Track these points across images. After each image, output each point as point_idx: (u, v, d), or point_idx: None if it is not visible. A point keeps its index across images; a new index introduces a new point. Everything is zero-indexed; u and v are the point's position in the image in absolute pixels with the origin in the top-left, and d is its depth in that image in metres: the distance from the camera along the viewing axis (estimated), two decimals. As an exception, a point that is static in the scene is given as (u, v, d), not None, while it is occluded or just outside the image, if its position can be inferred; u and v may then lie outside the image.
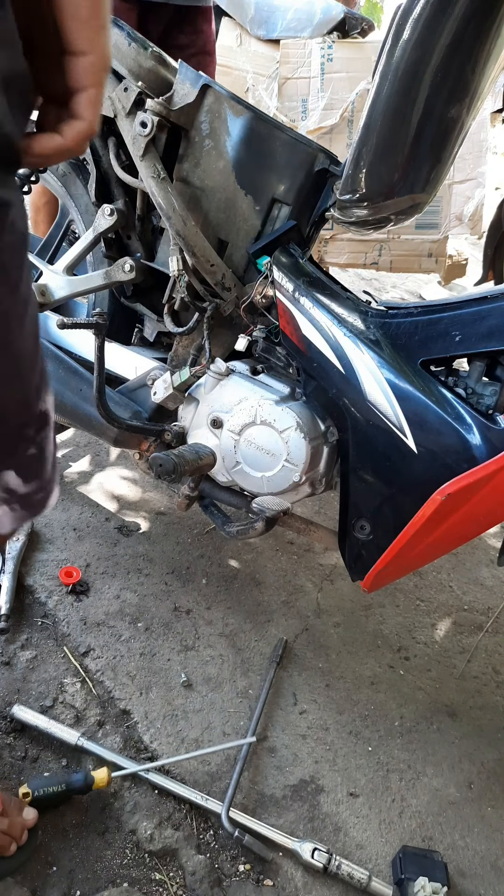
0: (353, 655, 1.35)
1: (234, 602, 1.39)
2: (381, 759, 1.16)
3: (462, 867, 1.03)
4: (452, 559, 1.70)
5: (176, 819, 0.98)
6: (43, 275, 1.28)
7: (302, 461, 1.03)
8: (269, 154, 1.04)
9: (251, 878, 0.95)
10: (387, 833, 1.05)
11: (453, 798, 1.13)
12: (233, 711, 1.17)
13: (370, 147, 0.89)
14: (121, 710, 1.12)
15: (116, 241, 1.23)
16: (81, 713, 1.09)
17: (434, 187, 0.94)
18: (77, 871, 0.89)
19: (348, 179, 0.94)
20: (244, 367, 1.14)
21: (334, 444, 1.08)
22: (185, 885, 0.92)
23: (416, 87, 0.82)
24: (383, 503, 1.01)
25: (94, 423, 1.19)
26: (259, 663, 1.27)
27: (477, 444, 0.89)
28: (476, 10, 0.76)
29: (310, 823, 1.04)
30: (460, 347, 0.90)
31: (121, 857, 0.93)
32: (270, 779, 1.08)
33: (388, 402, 0.94)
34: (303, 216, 1.10)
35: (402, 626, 1.46)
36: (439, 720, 1.26)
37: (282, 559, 1.56)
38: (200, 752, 1.06)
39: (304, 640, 1.36)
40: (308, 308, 1.01)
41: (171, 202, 1.02)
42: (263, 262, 1.06)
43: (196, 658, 1.25)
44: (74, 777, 0.93)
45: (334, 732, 1.19)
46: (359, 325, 0.99)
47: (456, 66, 0.81)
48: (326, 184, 1.09)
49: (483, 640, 1.47)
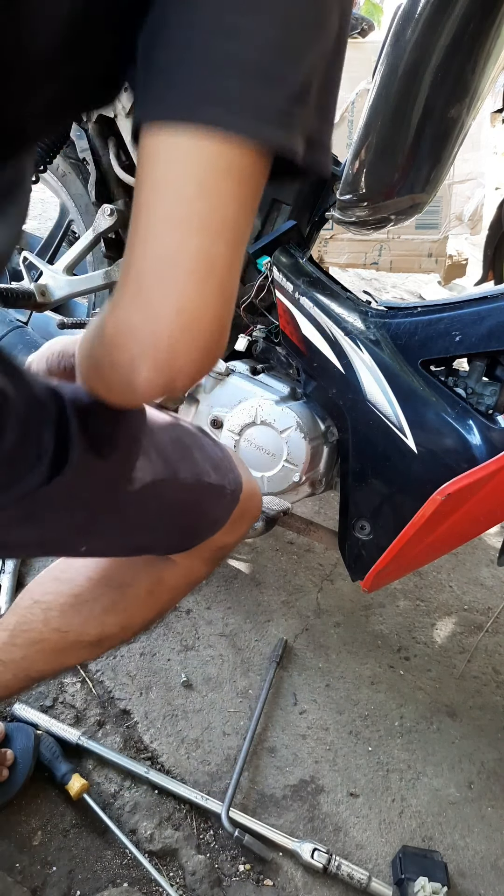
0: (353, 655, 1.35)
1: (234, 602, 1.39)
2: (381, 759, 1.16)
3: (462, 867, 1.03)
4: (452, 559, 1.70)
5: (176, 819, 0.98)
6: (43, 275, 1.28)
7: (302, 461, 1.03)
8: (269, 154, 1.04)
9: (251, 878, 0.95)
10: (387, 833, 1.05)
11: (453, 798, 1.13)
12: (233, 711, 1.17)
13: (370, 147, 0.89)
14: (121, 710, 1.12)
15: (116, 241, 1.23)
16: (81, 713, 1.09)
17: (434, 187, 0.94)
18: (77, 871, 0.89)
19: (348, 179, 0.94)
20: (244, 367, 1.14)
21: (334, 444, 1.08)
22: (185, 885, 0.91)
23: (416, 87, 0.82)
24: (383, 503, 1.01)
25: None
26: (259, 663, 1.27)
27: (477, 444, 0.89)
28: (476, 10, 0.76)
29: (310, 823, 1.04)
30: (460, 347, 0.90)
31: (121, 857, 0.93)
32: (270, 779, 1.08)
33: (388, 402, 0.94)
34: (303, 216, 1.10)
35: (402, 626, 1.46)
36: (439, 720, 1.26)
37: (282, 559, 1.56)
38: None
39: (304, 640, 1.36)
40: (308, 308, 1.01)
41: (171, 202, 1.02)
42: (263, 262, 1.06)
43: (196, 658, 1.25)
44: (61, 766, 0.95)
45: (334, 732, 1.19)
46: (359, 325, 0.99)
47: (456, 66, 0.81)
48: (326, 184, 1.09)
49: (483, 640, 1.47)
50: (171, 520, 0.70)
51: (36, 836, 0.92)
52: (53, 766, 0.96)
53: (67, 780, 0.94)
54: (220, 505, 0.72)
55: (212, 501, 0.71)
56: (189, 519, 0.72)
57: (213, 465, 0.70)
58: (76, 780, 0.94)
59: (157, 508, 0.66)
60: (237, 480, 0.73)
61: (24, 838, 0.91)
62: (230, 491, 0.72)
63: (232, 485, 0.72)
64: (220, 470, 0.71)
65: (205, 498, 0.70)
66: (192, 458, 0.67)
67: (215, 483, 0.70)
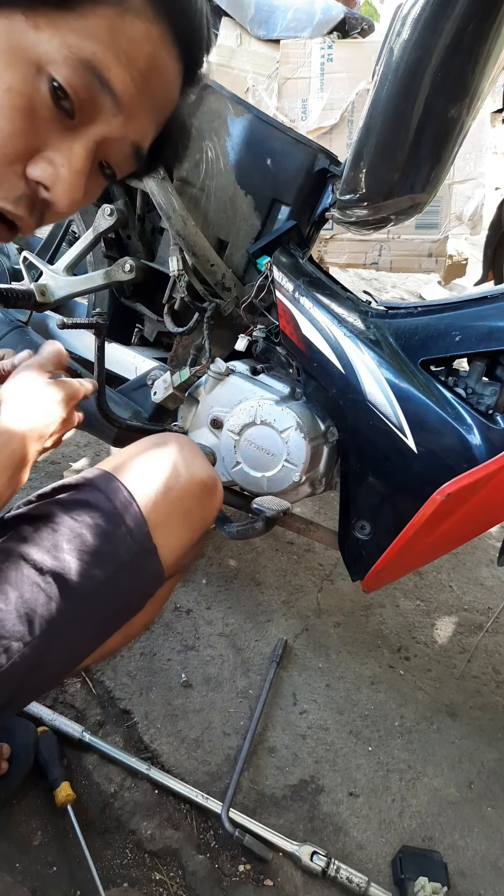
0: (353, 655, 1.35)
1: (234, 602, 1.39)
2: (381, 759, 1.16)
3: (462, 867, 1.03)
4: (452, 559, 1.70)
5: (176, 819, 0.98)
6: (43, 275, 1.27)
7: (302, 461, 1.03)
8: (269, 154, 1.04)
9: (251, 878, 0.95)
10: (387, 833, 1.05)
11: (453, 798, 1.13)
12: (233, 711, 1.17)
13: (370, 147, 0.89)
14: (121, 709, 1.12)
15: (116, 241, 1.23)
16: (81, 713, 1.09)
17: (434, 187, 0.93)
18: (77, 871, 0.89)
19: (348, 179, 0.94)
20: (244, 367, 1.14)
21: (334, 444, 1.08)
22: (185, 885, 0.91)
23: (416, 87, 0.82)
24: (383, 503, 1.01)
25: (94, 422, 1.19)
26: (259, 663, 1.27)
27: (477, 444, 0.88)
28: (476, 10, 0.76)
29: (310, 823, 1.04)
30: (460, 347, 0.90)
31: (121, 857, 0.93)
32: (270, 779, 1.08)
33: (388, 402, 0.94)
34: (303, 216, 1.10)
35: (402, 626, 1.46)
36: (439, 720, 1.26)
37: (282, 559, 1.56)
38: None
39: (304, 640, 1.35)
40: (308, 308, 1.01)
41: (171, 202, 1.02)
42: (263, 262, 1.06)
43: (196, 658, 1.25)
44: (54, 769, 0.95)
45: (334, 732, 1.18)
46: (359, 325, 0.99)
47: (456, 66, 0.81)
48: (326, 184, 1.09)
49: (483, 640, 1.47)
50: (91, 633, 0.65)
51: (36, 836, 0.92)
52: (48, 767, 0.96)
53: (56, 785, 0.94)
54: (132, 578, 0.66)
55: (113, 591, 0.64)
56: (112, 613, 0.67)
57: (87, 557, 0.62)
58: (64, 788, 0.94)
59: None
60: (134, 522, 0.66)
61: (24, 838, 0.91)
62: (129, 552, 0.65)
63: (129, 538, 0.65)
64: (98, 554, 0.63)
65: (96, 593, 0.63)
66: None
67: (102, 581, 0.62)
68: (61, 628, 0.60)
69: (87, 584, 0.61)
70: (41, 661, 0.59)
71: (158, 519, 0.68)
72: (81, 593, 0.61)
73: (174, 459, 0.71)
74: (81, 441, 1.76)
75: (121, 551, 0.64)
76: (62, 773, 0.96)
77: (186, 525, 0.72)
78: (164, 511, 0.68)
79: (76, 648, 0.65)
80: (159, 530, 0.68)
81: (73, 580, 0.60)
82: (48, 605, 0.59)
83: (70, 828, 0.93)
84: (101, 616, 0.65)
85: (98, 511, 0.64)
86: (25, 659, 0.58)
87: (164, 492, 0.69)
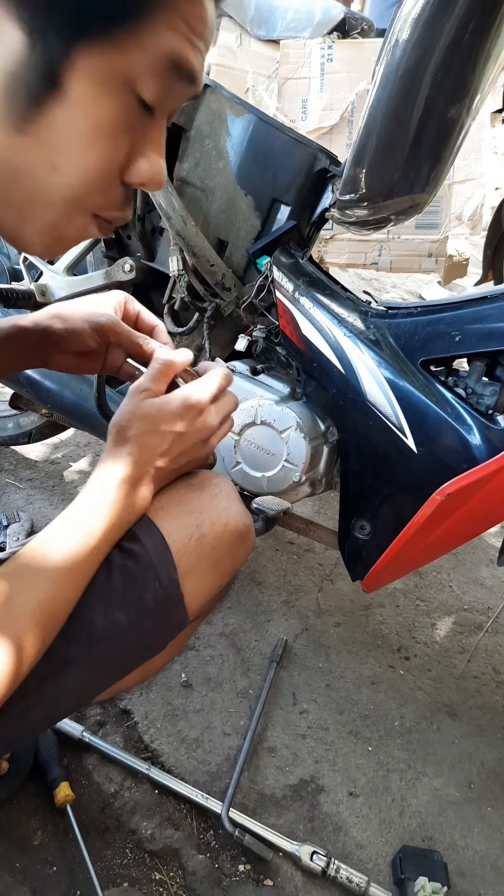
0: (353, 655, 1.35)
1: (234, 602, 1.39)
2: (381, 759, 1.16)
3: (462, 867, 1.03)
4: (452, 559, 1.70)
5: (176, 819, 0.98)
6: (43, 275, 1.28)
7: (302, 461, 1.03)
8: (269, 154, 1.04)
9: (251, 878, 0.95)
10: (387, 833, 1.05)
11: (453, 798, 1.13)
12: (233, 711, 1.17)
13: (370, 147, 0.89)
14: (121, 709, 1.12)
15: (116, 241, 1.23)
16: (81, 713, 1.09)
17: (434, 187, 0.93)
18: (77, 871, 0.89)
19: (348, 179, 0.94)
20: (244, 367, 1.14)
21: (334, 444, 1.08)
22: (185, 884, 0.91)
23: (416, 87, 0.82)
24: (383, 503, 1.01)
25: (94, 423, 1.19)
26: (259, 663, 1.27)
27: (477, 444, 0.88)
28: (476, 10, 0.76)
29: (310, 823, 1.04)
30: (460, 347, 0.90)
31: (121, 857, 0.93)
32: (270, 779, 1.08)
33: (388, 402, 0.94)
34: (303, 216, 1.10)
35: (402, 626, 1.46)
36: (439, 720, 1.26)
37: (282, 559, 1.56)
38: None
39: (304, 640, 1.36)
40: (308, 308, 1.01)
41: (172, 202, 1.02)
42: (263, 262, 1.06)
43: (196, 658, 1.25)
44: (53, 769, 0.95)
45: (334, 732, 1.19)
46: (359, 325, 0.99)
47: (456, 66, 0.81)
48: (326, 184, 1.09)
49: (483, 640, 1.47)
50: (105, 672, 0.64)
51: (36, 836, 0.92)
52: (48, 767, 0.96)
53: (55, 785, 0.94)
54: (158, 623, 0.65)
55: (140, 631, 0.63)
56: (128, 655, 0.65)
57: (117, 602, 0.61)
58: (64, 788, 0.94)
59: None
60: (167, 577, 0.64)
61: (24, 838, 0.91)
62: (159, 595, 0.64)
63: (158, 586, 0.64)
64: (124, 598, 0.61)
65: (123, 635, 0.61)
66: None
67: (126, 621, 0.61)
68: (76, 667, 0.59)
69: (107, 627, 0.60)
70: (53, 699, 0.59)
71: (189, 566, 0.66)
72: (101, 634, 0.60)
73: (212, 505, 0.70)
74: (81, 441, 1.76)
75: (147, 597, 0.62)
76: (62, 772, 0.96)
77: (216, 573, 0.70)
78: (194, 558, 0.66)
79: (89, 687, 0.64)
80: (188, 577, 0.66)
81: (94, 621, 0.60)
82: (65, 643, 0.58)
83: (70, 827, 0.93)
84: (119, 658, 0.64)
85: (129, 554, 0.63)
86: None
87: (197, 539, 0.67)
